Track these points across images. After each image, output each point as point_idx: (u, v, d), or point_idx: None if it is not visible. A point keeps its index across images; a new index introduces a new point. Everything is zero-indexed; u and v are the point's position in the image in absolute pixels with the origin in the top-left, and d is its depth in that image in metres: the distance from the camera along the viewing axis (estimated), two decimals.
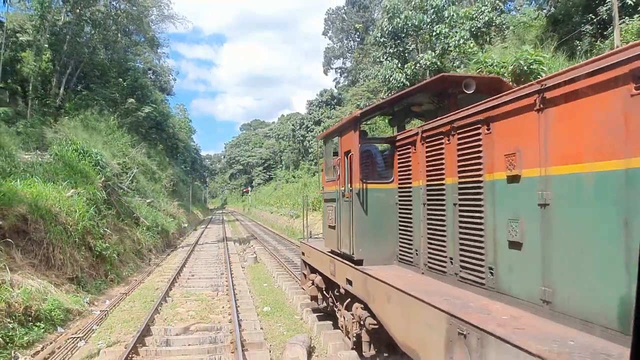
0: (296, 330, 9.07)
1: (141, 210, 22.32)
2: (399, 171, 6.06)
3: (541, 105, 3.40)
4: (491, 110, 4.05)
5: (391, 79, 21.47)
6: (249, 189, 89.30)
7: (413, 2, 20.65)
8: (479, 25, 24.70)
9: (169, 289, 12.56)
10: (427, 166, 5.24)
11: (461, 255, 4.56)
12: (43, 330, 8.48)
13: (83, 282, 11.88)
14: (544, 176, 3.41)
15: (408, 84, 21.56)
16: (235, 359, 7.19)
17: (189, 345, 8.14)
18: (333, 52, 62.23)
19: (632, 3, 17.52)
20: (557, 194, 3.29)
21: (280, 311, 10.72)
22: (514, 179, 3.76)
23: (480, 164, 4.22)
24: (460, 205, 4.55)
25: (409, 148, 5.78)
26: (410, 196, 5.76)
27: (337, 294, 7.43)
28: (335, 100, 63.79)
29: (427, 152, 5.26)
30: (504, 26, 23.05)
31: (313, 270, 9.12)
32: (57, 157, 16.91)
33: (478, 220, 4.26)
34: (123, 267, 15.27)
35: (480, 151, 4.22)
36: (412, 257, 5.74)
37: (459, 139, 4.58)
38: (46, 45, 33.44)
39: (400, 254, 6.07)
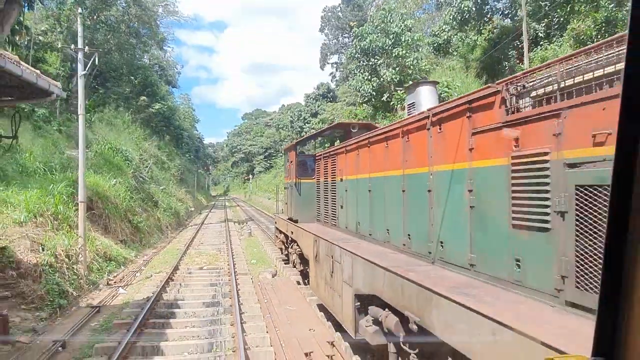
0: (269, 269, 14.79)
1: (158, 195, 28.08)
2: (316, 173, 11.68)
3: (344, 153, 9.00)
4: (337, 150, 9.64)
5: (361, 89, 26.93)
6: (250, 176, 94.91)
7: (378, 27, 25.93)
8: (440, 42, 30.06)
9: (186, 250, 18.33)
10: (323, 171, 10.85)
11: (331, 214, 10.19)
12: (114, 266, 14.26)
13: (128, 243, 17.66)
14: (346, 179, 9.02)
15: (375, 93, 27.01)
16: (230, 278, 12.88)
17: (202, 274, 13.87)
18: (329, 48, 67.19)
19: (542, 35, 22.85)
20: (349, 187, 8.90)
21: (262, 262, 16.44)
22: (341, 180, 9.36)
23: (336, 172, 9.82)
24: (331, 191, 10.16)
25: (319, 161, 11.38)
26: (319, 186, 11.37)
27: (289, 241, 13.13)
28: (331, 94, 69.12)
29: (323, 164, 10.86)
30: (458, 45, 28.32)
31: (280, 232, 14.81)
32: (97, 154, 22.59)
33: (334, 198, 9.88)
34: (151, 236, 21.07)
35: (335, 166, 9.82)
36: (320, 218, 11.39)
37: (331, 161, 10.17)
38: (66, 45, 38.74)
39: (316, 216, 11.73)
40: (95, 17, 41.94)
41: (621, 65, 2.94)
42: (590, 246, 3.08)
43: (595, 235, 3.03)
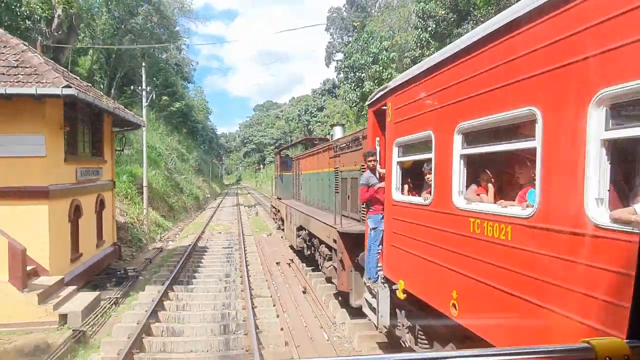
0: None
1: (182, 183, 35.90)
2: (292, 169, 19.17)
3: (303, 158, 16.47)
4: (300, 156, 17.10)
5: (347, 98, 34.22)
6: (261, 166, 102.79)
7: (362, 47, 33.04)
8: (415, 55, 36.99)
9: (208, 222, 26.10)
10: (294, 168, 18.33)
11: (297, 193, 17.69)
12: (162, 230, 22.02)
13: (167, 217, 25.45)
14: (302, 173, 16.49)
15: (359, 100, 34.20)
16: (239, 238, 20.46)
17: (221, 235, 21.54)
18: (334, 47, 74.05)
19: None
20: (304, 178, 16.37)
21: (263, 230, 24.07)
22: (301, 174, 16.83)
23: (299, 169, 17.28)
24: (297, 180, 17.64)
25: (293, 162, 18.85)
26: (293, 177, 18.85)
27: (277, 211, 20.68)
28: (336, 89, 76.21)
29: (294, 164, 18.34)
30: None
31: (273, 207, 22.38)
32: (139, 151, 30.35)
33: (298, 184, 17.37)
34: (180, 214, 28.91)
35: (299, 165, 17.28)
36: (293, 196, 18.91)
37: (297, 162, 17.64)
38: (101, 55, 46.86)
39: (292, 195, 19.24)
40: (123, 26, 49.74)
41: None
42: (342, 198, 10.46)
43: (346, 195, 10.39)
